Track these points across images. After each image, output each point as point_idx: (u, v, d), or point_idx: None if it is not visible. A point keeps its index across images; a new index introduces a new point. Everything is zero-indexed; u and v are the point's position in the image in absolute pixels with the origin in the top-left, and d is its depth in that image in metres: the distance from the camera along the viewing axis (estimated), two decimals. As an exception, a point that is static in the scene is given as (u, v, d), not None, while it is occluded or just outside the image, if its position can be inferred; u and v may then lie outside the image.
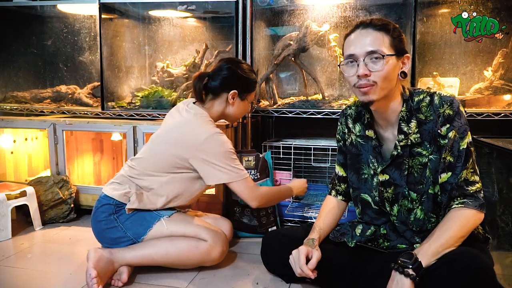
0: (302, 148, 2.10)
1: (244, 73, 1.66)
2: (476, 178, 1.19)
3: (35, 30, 2.59)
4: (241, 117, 1.81)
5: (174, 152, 1.57)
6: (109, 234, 1.57)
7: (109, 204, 1.58)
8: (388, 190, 1.31)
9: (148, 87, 2.41)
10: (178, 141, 1.58)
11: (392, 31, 1.19)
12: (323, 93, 2.15)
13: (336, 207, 1.50)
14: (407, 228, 1.31)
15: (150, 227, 1.55)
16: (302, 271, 1.27)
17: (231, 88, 1.64)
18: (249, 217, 1.99)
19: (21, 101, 2.55)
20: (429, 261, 1.11)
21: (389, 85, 1.20)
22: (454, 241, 1.12)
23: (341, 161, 1.49)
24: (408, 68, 1.23)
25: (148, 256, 1.52)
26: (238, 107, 1.69)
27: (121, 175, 1.66)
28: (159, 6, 2.38)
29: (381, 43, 1.17)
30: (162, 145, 1.61)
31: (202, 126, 1.58)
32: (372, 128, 1.34)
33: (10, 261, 1.69)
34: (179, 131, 1.59)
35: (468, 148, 1.19)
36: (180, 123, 1.62)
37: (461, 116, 1.20)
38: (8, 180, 2.37)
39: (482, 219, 1.18)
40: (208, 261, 1.57)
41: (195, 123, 1.59)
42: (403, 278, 1.08)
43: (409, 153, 1.26)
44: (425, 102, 1.24)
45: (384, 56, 1.16)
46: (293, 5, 2.16)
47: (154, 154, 1.63)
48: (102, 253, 1.46)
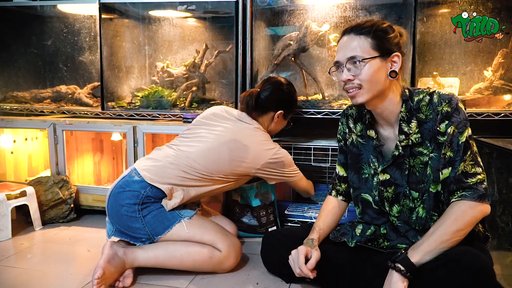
0: (302, 148, 2.10)
1: (292, 96, 1.84)
2: (477, 169, 1.17)
3: (35, 30, 2.59)
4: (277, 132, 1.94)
5: (244, 162, 1.65)
6: (127, 221, 1.53)
7: (139, 192, 1.53)
8: (388, 190, 1.31)
9: (148, 87, 2.41)
10: (249, 153, 1.65)
11: (374, 33, 1.20)
12: (323, 93, 2.15)
13: (336, 207, 1.50)
14: (409, 228, 1.31)
15: (169, 228, 1.53)
16: (301, 271, 1.28)
17: (279, 108, 1.78)
18: (249, 217, 1.99)
19: (21, 101, 2.55)
20: (421, 257, 1.11)
21: (376, 86, 1.22)
22: (449, 236, 1.11)
23: (342, 161, 1.49)
24: (398, 67, 1.22)
25: (161, 261, 1.51)
26: (280, 124, 1.86)
27: (166, 165, 1.60)
28: (159, 6, 2.38)
29: (361, 48, 1.20)
30: (228, 151, 1.64)
31: (269, 142, 1.73)
32: (373, 128, 1.34)
33: (10, 261, 1.69)
34: (250, 143, 1.67)
35: (467, 141, 1.18)
36: (247, 134, 1.69)
37: (460, 112, 1.20)
38: (8, 180, 2.37)
39: (487, 210, 1.15)
40: (220, 270, 1.57)
41: (262, 138, 1.72)
42: (393, 273, 1.12)
43: (410, 153, 1.26)
44: (425, 102, 1.24)
45: (364, 59, 1.19)
46: (293, 5, 2.16)
47: (217, 155, 1.63)
48: (116, 251, 1.45)
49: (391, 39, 1.22)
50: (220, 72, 2.43)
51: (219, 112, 1.77)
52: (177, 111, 2.24)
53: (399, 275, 1.11)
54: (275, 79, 1.83)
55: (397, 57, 1.22)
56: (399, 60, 1.22)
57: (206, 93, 2.40)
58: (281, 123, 1.86)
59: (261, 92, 1.76)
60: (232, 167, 1.64)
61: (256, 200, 1.99)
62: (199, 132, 1.70)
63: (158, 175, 1.57)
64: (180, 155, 1.63)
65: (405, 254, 1.13)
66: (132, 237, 1.55)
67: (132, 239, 1.56)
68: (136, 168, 1.60)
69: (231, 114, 1.77)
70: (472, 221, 1.14)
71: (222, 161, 1.63)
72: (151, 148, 2.21)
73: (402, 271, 1.10)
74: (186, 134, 1.74)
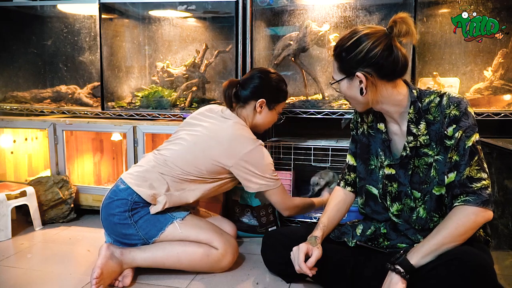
0: (302, 148, 2.10)
1: (274, 83, 1.70)
2: (482, 175, 1.16)
3: (35, 30, 2.59)
4: (268, 127, 1.81)
5: (218, 159, 1.58)
6: (121, 229, 1.54)
7: (127, 199, 1.54)
8: (393, 185, 1.32)
9: (148, 87, 2.41)
10: (223, 150, 1.58)
11: (337, 56, 1.25)
12: (323, 93, 2.15)
13: (342, 201, 1.49)
14: (409, 227, 1.31)
15: (163, 230, 1.54)
16: (301, 269, 1.28)
17: (259, 96, 1.68)
18: (249, 217, 1.99)
19: (21, 101, 2.55)
20: (420, 259, 1.12)
21: (356, 101, 1.28)
22: (450, 239, 1.11)
23: (353, 150, 1.49)
24: (364, 85, 1.21)
25: (159, 261, 1.51)
26: (266, 117, 1.72)
27: (149, 169, 1.60)
28: (159, 6, 2.38)
29: (334, 70, 1.29)
30: (202, 150, 1.59)
31: (247, 137, 1.61)
32: (383, 121, 1.35)
33: (10, 261, 1.69)
34: (224, 139, 1.59)
35: (474, 146, 1.17)
36: (223, 130, 1.61)
37: (469, 117, 1.19)
38: (8, 180, 2.37)
39: (490, 216, 1.14)
40: (217, 269, 1.57)
41: (239, 133, 1.61)
42: (393, 274, 1.12)
43: (415, 154, 1.26)
44: (435, 103, 1.23)
45: (335, 82, 1.29)
46: (293, 5, 2.16)
47: (193, 156, 1.59)
48: (113, 252, 1.46)
49: (352, 59, 1.20)
50: (220, 72, 2.43)
51: (203, 111, 1.74)
52: (177, 111, 2.24)
53: (399, 277, 1.11)
54: (257, 68, 1.77)
55: (360, 76, 1.20)
56: (363, 78, 1.19)
57: (206, 93, 2.40)
58: (267, 115, 1.73)
59: (239, 81, 1.71)
60: (208, 166, 1.59)
61: (256, 200, 1.99)
62: (179, 135, 1.68)
63: (141, 179, 1.58)
64: (160, 158, 1.63)
65: (405, 256, 1.13)
66: (128, 244, 1.57)
67: (129, 246, 1.57)
68: (122, 177, 1.61)
69: (214, 111, 1.71)
70: (474, 227, 1.14)
71: (199, 160, 1.59)
72: (151, 148, 2.22)
73: (402, 273, 1.10)
74: (171, 137, 1.73)
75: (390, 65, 1.19)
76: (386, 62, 1.19)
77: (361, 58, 1.19)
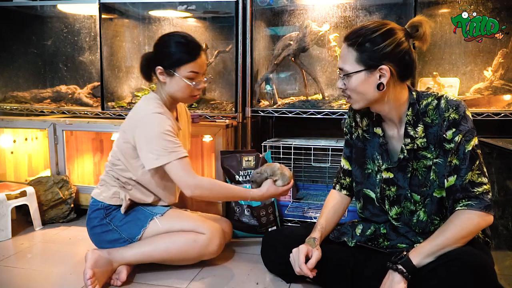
0: (302, 148, 2.10)
1: (160, 44, 1.52)
2: (483, 179, 1.17)
3: (35, 30, 2.59)
4: (189, 96, 1.55)
5: (123, 136, 1.55)
6: (106, 237, 1.58)
7: (99, 208, 1.59)
8: (391, 189, 1.31)
9: (148, 87, 2.41)
10: (127, 125, 1.56)
11: (359, 46, 1.17)
12: (323, 93, 2.15)
13: (339, 203, 1.49)
14: (409, 230, 1.31)
15: (144, 227, 1.55)
16: (301, 270, 1.28)
17: (155, 63, 1.51)
18: (249, 217, 1.99)
19: (21, 101, 2.55)
20: (422, 259, 1.12)
21: (363, 97, 1.22)
22: (452, 242, 1.12)
23: (347, 154, 1.48)
24: (386, 79, 1.16)
25: (148, 254, 1.52)
26: (173, 86, 1.51)
27: (104, 173, 1.65)
28: (159, 6, 2.38)
29: (348, 60, 1.20)
30: (122, 137, 1.57)
31: (144, 106, 1.53)
32: (380, 125, 1.34)
33: (10, 261, 1.69)
34: (132, 115, 1.55)
35: (474, 151, 1.18)
36: (135, 109, 1.57)
37: (468, 120, 1.19)
38: (8, 180, 2.37)
39: (491, 221, 1.15)
40: (207, 254, 1.57)
41: (139, 104, 1.57)
42: (394, 273, 1.12)
43: (414, 156, 1.26)
44: (432, 106, 1.23)
45: (349, 74, 1.20)
46: (293, 5, 2.16)
47: (116, 144, 1.60)
48: (100, 254, 1.46)
49: (379, 50, 1.15)
50: (220, 72, 2.43)
51: None
52: (177, 111, 2.24)
53: (401, 277, 1.11)
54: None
55: (386, 70, 1.16)
56: (387, 72, 1.16)
57: (206, 93, 2.40)
58: (173, 84, 1.51)
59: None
60: (123, 149, 1.55)
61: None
62: None
63: (101, 186, 1.63)
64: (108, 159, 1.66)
65: (407, 256, 1.14)
66: None
67: None
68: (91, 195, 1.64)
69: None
70: (476, 230, 1.15)
71: (121, 146, 1.56)
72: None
73: (404, 273, 1.11)
74: None
75: (411, 64, 1.19)
76: (409, 60, 1.18)
77: (389, 51, 1.15)
